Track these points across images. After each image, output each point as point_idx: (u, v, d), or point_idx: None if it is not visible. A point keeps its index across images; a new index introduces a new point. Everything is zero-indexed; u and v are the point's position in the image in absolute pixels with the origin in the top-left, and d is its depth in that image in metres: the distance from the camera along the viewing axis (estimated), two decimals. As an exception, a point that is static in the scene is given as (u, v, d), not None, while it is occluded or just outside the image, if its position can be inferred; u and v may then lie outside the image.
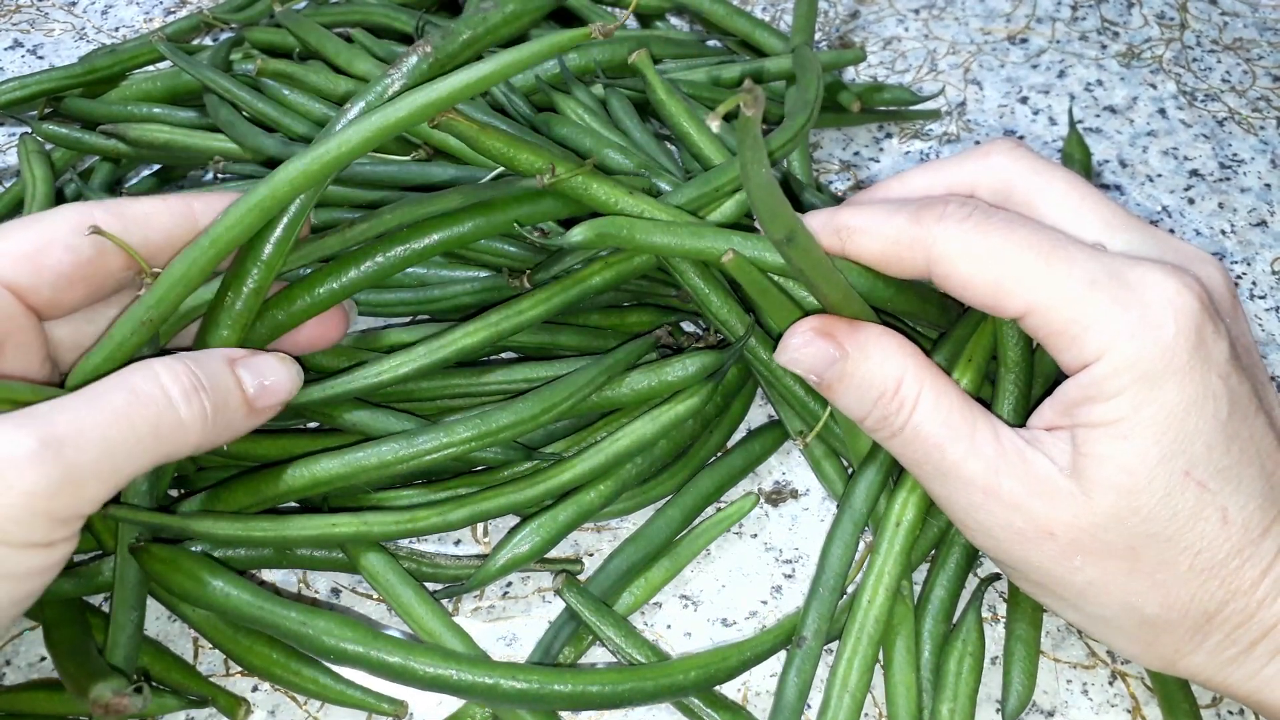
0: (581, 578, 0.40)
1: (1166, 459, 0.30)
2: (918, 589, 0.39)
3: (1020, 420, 0.35)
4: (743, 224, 0.40)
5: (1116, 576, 0.31)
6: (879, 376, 0.33)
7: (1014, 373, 0.36)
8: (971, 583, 0.40)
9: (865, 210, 0.34)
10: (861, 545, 0.40)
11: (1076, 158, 0.52)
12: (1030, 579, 0.34)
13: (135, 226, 0.34)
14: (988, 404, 0.36)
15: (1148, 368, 0.30)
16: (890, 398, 0.33)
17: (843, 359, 0.34)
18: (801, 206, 0.44)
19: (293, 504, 0.39)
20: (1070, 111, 0.55)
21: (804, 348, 0.34)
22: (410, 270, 0.43)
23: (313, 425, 0.42)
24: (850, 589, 0.38)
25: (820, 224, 0.35)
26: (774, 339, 0.38)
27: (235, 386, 0.33)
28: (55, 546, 0.30)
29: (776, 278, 0.36)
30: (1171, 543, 0.30)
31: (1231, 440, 0.30)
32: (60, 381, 0.36)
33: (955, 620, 0.38)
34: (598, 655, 0.39)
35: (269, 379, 0.34)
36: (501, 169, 0.38)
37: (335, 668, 0.37)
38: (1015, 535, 0.32)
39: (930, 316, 0.38)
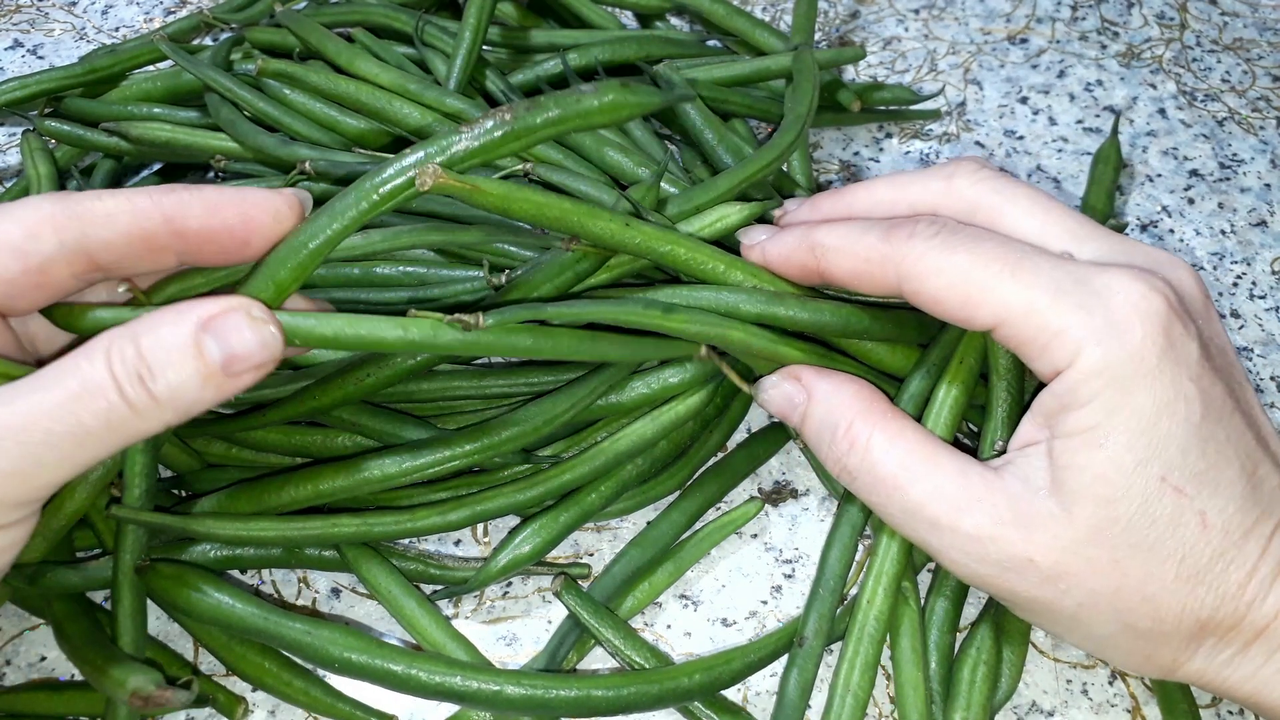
0: (587, 580, 0.40)
1: (1142, 465, 0.30)
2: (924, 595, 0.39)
3: (1013, 426, 0.35)
4: (729, 247, 0.40)
5: (1105, 596, 0.31)
6: (829, 419, 0.35)
7: (1005, 380, 0.36)
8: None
9: (839, 229, 0.35)
10: (862, 549, 0.40)
11: (1112, 163, 0.52)
12: (1022, 608, 0.34)
13: (94, 228, 0.32)
14: (976, 433, 0.36)
15: (1118, 372, 0.30)
16: (840, 439, 0.34)
17: (805, 402, 0.36)
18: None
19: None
20: (1115, 123, 0.54)
21: (771, 389, 0.37)
22: (409, 270, 0.43)
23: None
24: (853, 592, 0.38)
25: (796, 239, 0.36)
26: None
27: (194, 358, 0.29)
28: (7, 530, 0.29)
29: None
30: (1154, 552, 0.30)
31: (1206, 443, 0.30)
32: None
33: (968, 628, 0.38)
34: (598, 656, 0.39)
35: (237, 347, 0.30)
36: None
37: (330, 679, 0.37)
38: (994, 567, 0.32)
39: (910, 340, 0.38)
